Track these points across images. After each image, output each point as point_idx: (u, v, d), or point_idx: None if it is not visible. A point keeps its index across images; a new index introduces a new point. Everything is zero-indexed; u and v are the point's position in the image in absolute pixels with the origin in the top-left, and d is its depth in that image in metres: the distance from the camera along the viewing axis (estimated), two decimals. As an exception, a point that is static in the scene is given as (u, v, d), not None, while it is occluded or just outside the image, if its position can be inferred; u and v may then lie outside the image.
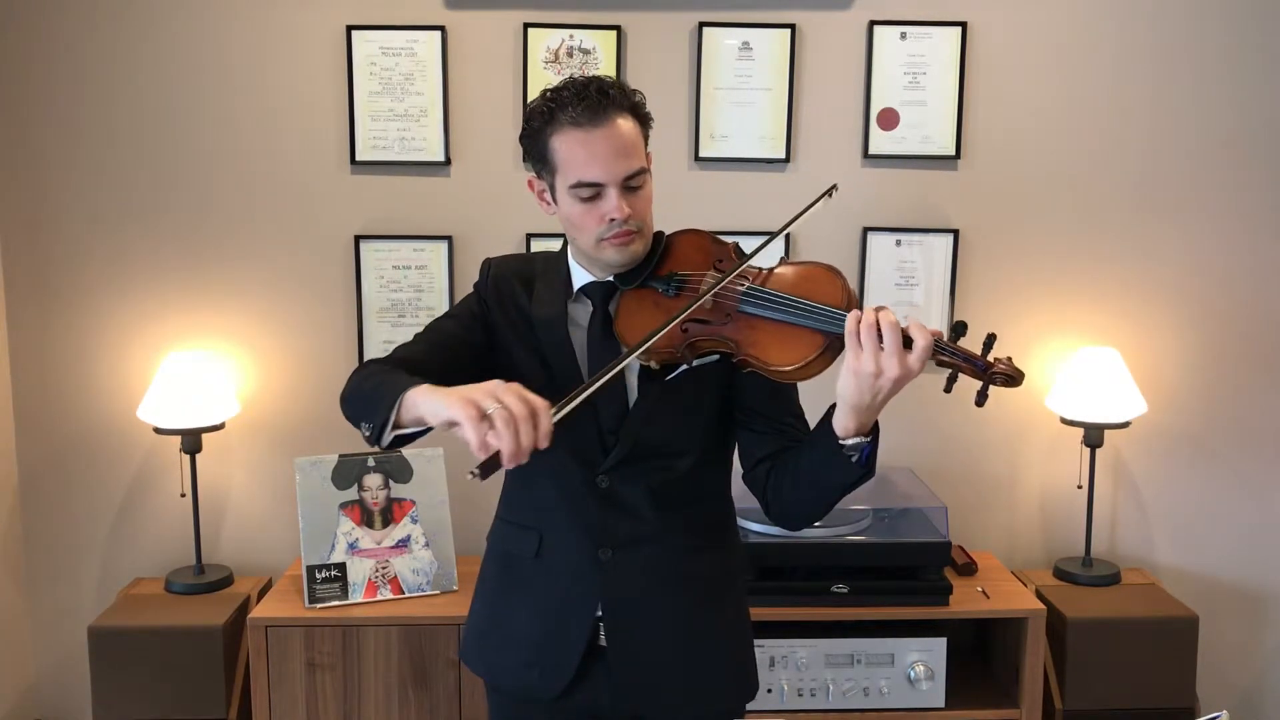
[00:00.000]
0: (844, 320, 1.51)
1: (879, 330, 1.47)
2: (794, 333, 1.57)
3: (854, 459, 1.56)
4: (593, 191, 1.62)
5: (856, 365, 1.48)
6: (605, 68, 2.80)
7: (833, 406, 1.58)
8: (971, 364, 1.49)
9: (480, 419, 1.38)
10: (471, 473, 1.39)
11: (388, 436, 1.52)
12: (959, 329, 1.52)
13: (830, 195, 1.74)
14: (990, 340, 1.50)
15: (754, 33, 2.83)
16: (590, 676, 1.74)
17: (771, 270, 1.65)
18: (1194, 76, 2.88)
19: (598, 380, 1.52)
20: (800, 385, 1.72)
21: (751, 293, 1.61)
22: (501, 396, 1.40)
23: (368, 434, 1.54)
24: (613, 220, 1.62)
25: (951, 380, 1.53)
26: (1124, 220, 2.93)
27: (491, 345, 1.76)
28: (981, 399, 1.51)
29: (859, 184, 2.88)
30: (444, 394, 1.45)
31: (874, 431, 1.56)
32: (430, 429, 1.52)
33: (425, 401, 1.47)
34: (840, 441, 1.55)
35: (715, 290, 1.61)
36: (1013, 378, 1.49)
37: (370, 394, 1.57)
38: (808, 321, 1.56)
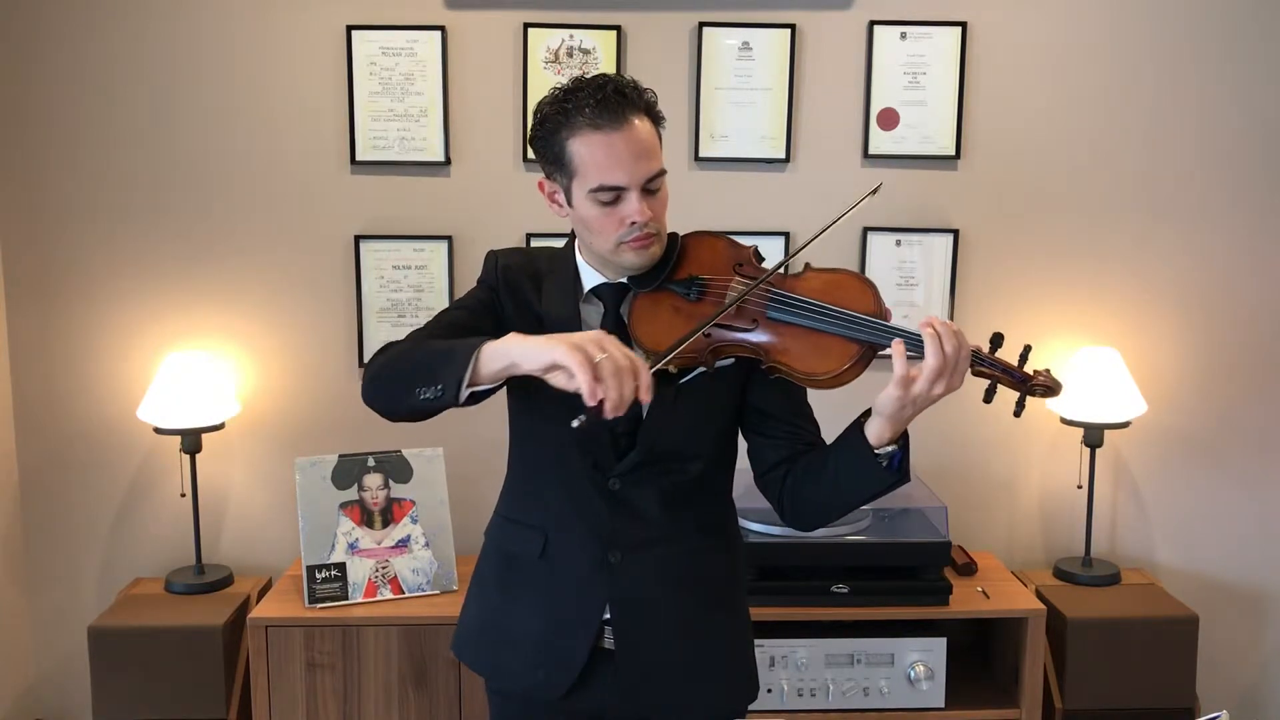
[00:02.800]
0: (879, 329, 1.53)
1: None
2: (826, 340, 1.56)
3: (885, 465, 1.57)
4: (613, 195, 1.60)
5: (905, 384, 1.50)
6: (605, 68, 2.80)
7: (862, 415, 1.59)
8: (1010, 375, 1.52)
9: (590, 365, 1.41)
10: (577, 422, 1.44)
11: (464, 394, 1.51)
12: (996, 340, 1.53)
13: (875, 193, 1.77)
14: (1026, 351, 1.52)
15: (754, 33, 2.83)
16: (595, 677, 1.73)
17: (797, 276, 1.64)
18: (1194, 76, 2.88)
19: (687, 337, 1.56)
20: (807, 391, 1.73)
21: (779, 298, 1.59)
22: (606, 345, 1.44)
23: (432, 396, 1.52)
24: (634, 224, 1.60)
25: (991, 391, 1.54)
26: (1124, 220, 2.93)
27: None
28: (1019, 409, 1.53)
29: (859, 184, 2.88)
30: (544, 340, 1.48)
31: (904, 437, 1.57)
32: (496, 389, 1.54)
33: (519, 348, 1.48)
34: (875, 450, 1.56)
35: (744, 298, 1.59)
36: (1051, 389, 1.51)
37: (430, 358, 1.55)
38: (841, 330, 1.55)
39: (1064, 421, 2.86)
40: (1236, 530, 3.04)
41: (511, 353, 1.49)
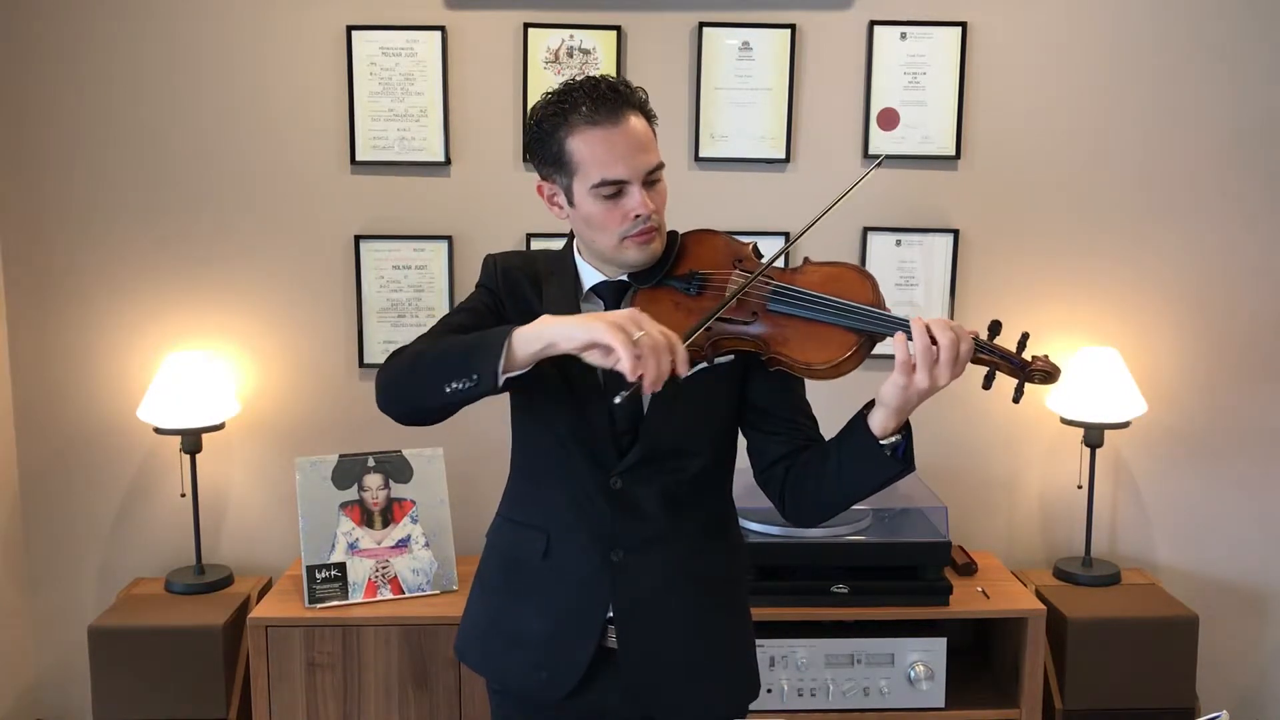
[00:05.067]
0: (877, 319, 1.54)
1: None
2: (826, 331, 1.58)
3: (890, 455, 1.58)
4: (615, 189, 1.61)
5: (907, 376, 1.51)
6: (605, 68, 2.80)
7: (865, 407, 1.60)
8: (1009, 362, 1.54)
9: (630, 342, 1.42)
10: (619, 398, 1.46)
11: (501, 379, 1.51)
12: (995, 328, 1.55)
13: (879, 165, 1.79)
14: (1024, 339, 1.54)
15: (754, 33, 2.83)
16: (598, 678, 1.73)
17: (796, 270, 1.66)
18: (1193, 76, 2.88)
19: (719, 309, 1.58)
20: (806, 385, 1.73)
21: (780, 291, 1.61)
22: (642, 322, 1.45)
23: (466, 386, 1.52)
24: (637, 217, 1.61)
25: (990, 378, 1.56)
26: (1123, 220, 2.93)
27: None
28: (1019, 395, 1.55)
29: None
30: (581, 319, 1.48)
31: (906, 427, 1.59)
32: (525, 373, 1.53)
33: (556, 328, 1.49)
34: (880, 441, 1.57)
35: (746, 288, 1.61)
36: (1050, 374, 1.53)
37: (457, 352, 1.55)
38: (841, 320, 1.57)
39: (1064, 421, 2.86)
40: (1236, 530, 3.04)
41: (547, 334, 1.49)
